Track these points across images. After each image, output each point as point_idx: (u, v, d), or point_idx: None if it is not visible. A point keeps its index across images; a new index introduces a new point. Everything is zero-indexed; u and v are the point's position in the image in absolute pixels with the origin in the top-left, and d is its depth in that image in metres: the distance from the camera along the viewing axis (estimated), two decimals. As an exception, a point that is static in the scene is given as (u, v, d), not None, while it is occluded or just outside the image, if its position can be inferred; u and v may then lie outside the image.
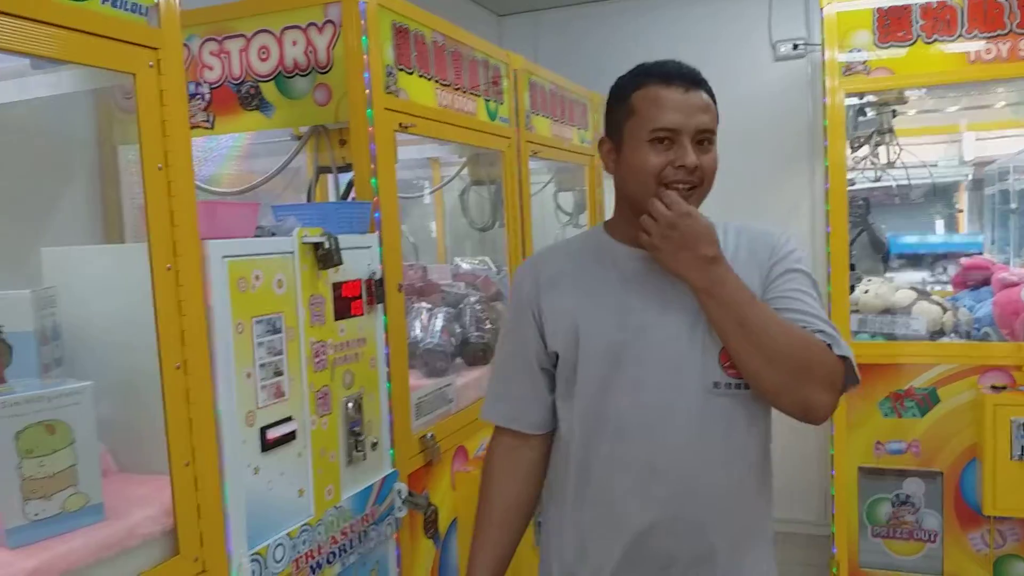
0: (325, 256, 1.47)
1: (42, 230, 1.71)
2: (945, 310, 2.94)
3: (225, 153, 2.18)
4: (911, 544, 2.78)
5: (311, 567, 1.42)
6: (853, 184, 4.40)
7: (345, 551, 1.52)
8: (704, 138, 1.26)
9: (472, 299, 2.59)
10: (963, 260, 3.72)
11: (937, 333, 2.85)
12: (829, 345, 1.20)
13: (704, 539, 1.25)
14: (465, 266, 3.39)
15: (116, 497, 1.18)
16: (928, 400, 2.71)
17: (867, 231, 4.46)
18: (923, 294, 3.05)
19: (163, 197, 1.17)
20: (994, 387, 2.60)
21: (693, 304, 1.23)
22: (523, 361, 1.35)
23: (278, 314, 1.39)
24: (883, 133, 3.17)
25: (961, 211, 5.52)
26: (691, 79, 1.25)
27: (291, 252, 1.43)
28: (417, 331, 2.37)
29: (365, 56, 1.71)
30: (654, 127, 1.22)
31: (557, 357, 1.32)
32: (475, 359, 2.40)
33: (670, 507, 1.24)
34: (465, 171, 2.85)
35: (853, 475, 2.82)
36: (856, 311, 2.95)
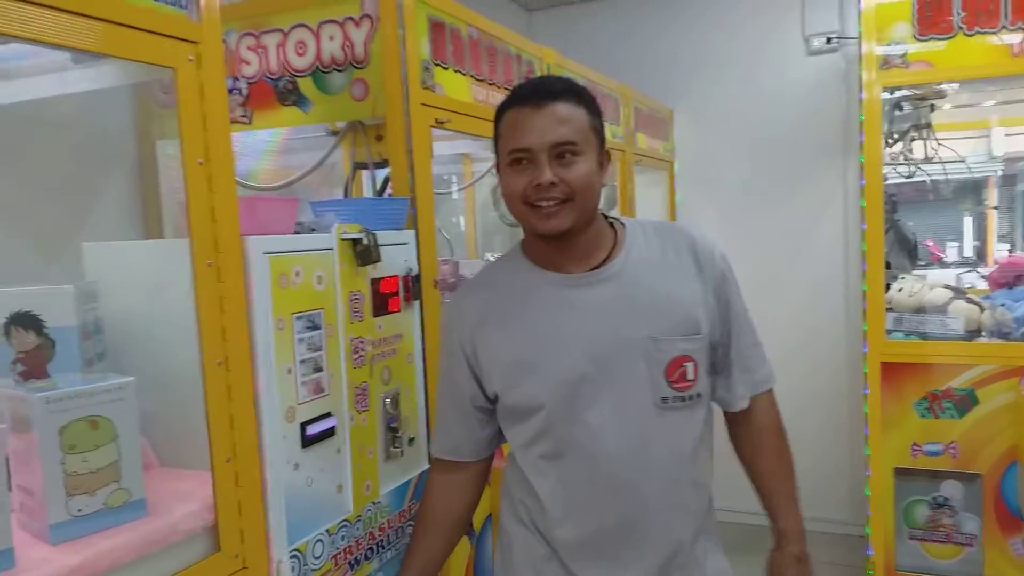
0: (364, 252, 1.47)
1: (81, 224, 1.71)
2: (983, 309, 2.88)
3: (262, 148, 2.19)
4: (949, 548, 2.73)
5: (349, 563, 1.41)
6: (886, 180, 4.34)
7: (383, 547, 1.51)
8: (564, 151, 1.21)
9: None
10: (999, 258, 3.65)
11: (974, 332, 2.79)
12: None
13: (659, 541, 1.29)
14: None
15: (158, 492, 1.18)
16: (967, 401, 2.66)
17: (894, 228, 4.38)
18: (959, 293, 2.99)
19: (204, 192, 1.16)
20: (1036, 388, 2.54)
21: (636, 322, 1.25)
22: (456, 404, 1.39)
23: (318, 310, 1.38)
24: (920, 128, 3.11)
25: (991, 207, 5.42)
26: (546, 93, 1.22)
27: (331, 248, 1.42)
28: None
29: (402, 50, 1.70)
30: (509, 149, 1.24)
31: (497, 396, 1.34)
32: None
33: (620, 514, 1.28)
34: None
35: (889, 476, 2.77)
36: (890, 309, 2.90)
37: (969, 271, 3.91)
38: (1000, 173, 5.23)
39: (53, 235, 1.59)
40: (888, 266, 3.29)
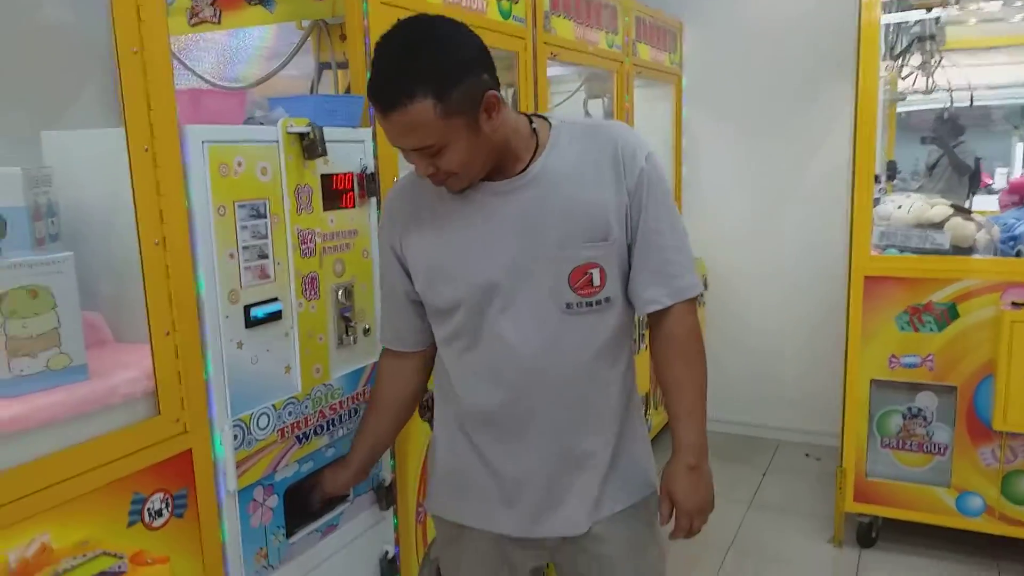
0: (310, 146, 1.52)
1: (56, 117, 1.79)
2: (980, 227, 2.85)
3: (251, 53, 2.23)
4: (920, 456, 2.79)
5: (297, 437, 1.52)
6: (903, 98, 4.21)
7: (334, 424, 1.62)
8: (425, 150, 1.23)
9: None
10: (1011, 179, 3.58)
11: (967, 249, 2.77)
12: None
13: (560, 433, 1.38)
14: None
15: (106, 363, 1.28)
16: (946, 315, 2.67)
17: (949, 153, 4.25)
18: (960, 210, 2.95)
19: (139, 80, 1.22)
20: (1015, 303, 2.54)
21: (545, 229, 1.29)
22: (394, 297, 1.48)
23: (262, 200, 1.45)
24: (923, 40, 3.01)
25: None
26: (385, 104, 1.18)
27: (275, 141, 1.48)
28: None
29: (359, -53, 1.71)
30: None
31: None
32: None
33: (522, 400, 1.36)
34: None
35: (866, 387, 2.82)
36: (885, 225, 2.88)
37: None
38: None
39: (24, 126, 1.67)
40: (877, 179, 3.24)
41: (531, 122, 1.36)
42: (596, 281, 1.31)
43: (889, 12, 3.11)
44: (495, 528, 1.43)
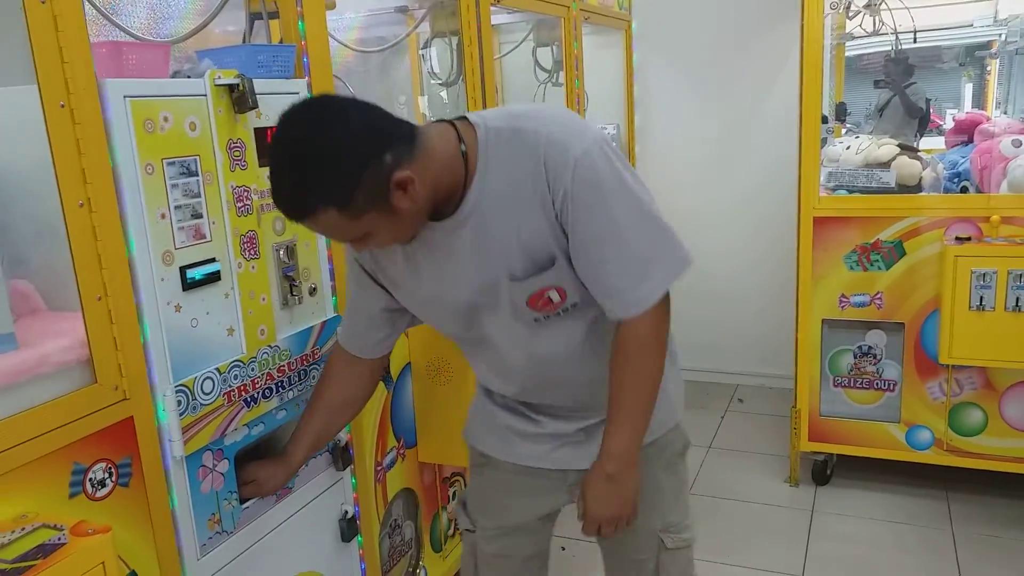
0: (240, 99, 1.46)
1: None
2: (926, 165, 2.89)
3: (183, 8, 2.13)
4: (871, 393, 2.86)
5: (245, 400, 1.49)
6: (851, 38, 4.22)
7: (283, 387, 1.59)
8: (353, 242, 1.21)
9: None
10: (956, 116, 3.63)
11: (913, 188, 2.81)
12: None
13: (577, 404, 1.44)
14: (443, 128, 3.35)
15: (36, 332, 1.23)
16: (894, 253, 2.71)
17: (901, 94, 4.28)
18: (908, 149, 2.98)
19: (49, 32, 1.15)
20: (958, 239, 2.59)
21: (494, 264, 1.25)
22: (364, 308, 1.47)
23: (192, 157, 1.39)
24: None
25: (989, 73, 5.26)
26: (291, 215, 1.15)
27: (203, 95, 1.41)
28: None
29: None
30: None
31: None
32: (434, 215, 2.41)
33: (535, 382, 1.42)
34: (427, 23, 2.76)
35: (817, 328, 2.87)
36: (834, 167, 2.91)
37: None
38: (1004, 38, 5.06)
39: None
40: (825, 120, 3.25)
41: (459, 138, 1.22)
42: (556, 298, 1.28)
43: (835, -49, 3.09)
44: (515, 459, 1.51)
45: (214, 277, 1.43)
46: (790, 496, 2.99)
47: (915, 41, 3.33)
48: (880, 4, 3.61)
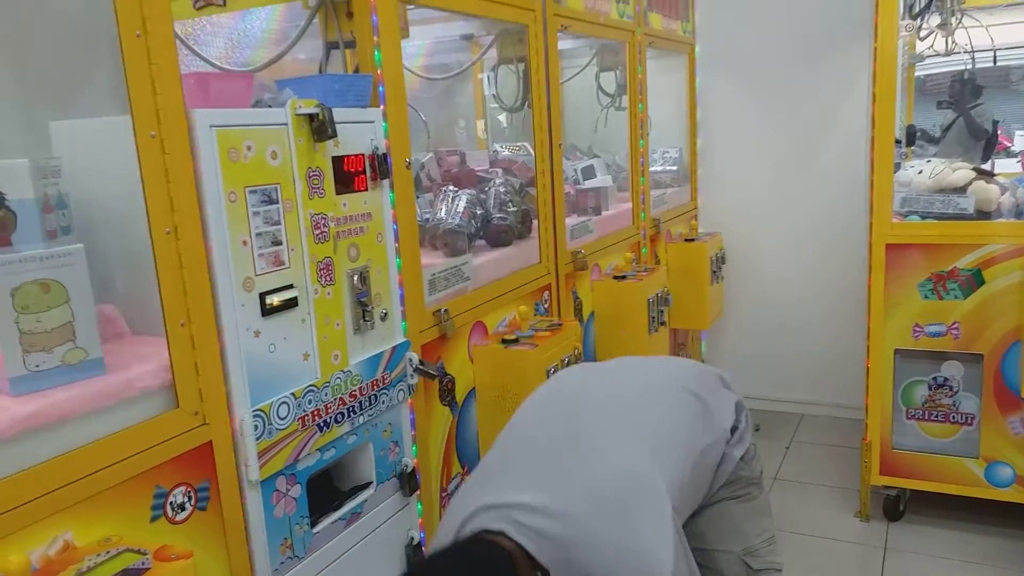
0: (320, 128, 1.48)
1: (65, 107, 1.75)
2: (1004, 190, 2.79)
3: (259, 36, 2.19)
4: (947, 427, 2.75)
5: (318, 425, 1.49)
6: (922, 59, 4.12)
7: (354, 412, 1.59)
8: None
9: (497, 181, 2.58)
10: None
11: (991, 213, 2.71)
12: None
13: None
14: (504, 152, 3.37)
15: (122, 356, 1.26)
16: (972, 282, 2.61)
17: (964, 116, 4.18)
18: (984, 174, 2.88)
19: (143, 65, 1.19)
20: (1043, 267, 2.48)
21: None
22: None
23: (274, 185, 1.41)
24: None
25: None
26: None
27: (284, 124, 1.44)
28: (442, 214, 2.39)
29: (362, -80, 1.66)
30: None
31: None
32: (498, 240, 2.41)
33: None
34: (493, 49, 2.78)
35: (889, 357, 2.77)
36: (906, 191, 2.82)
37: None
38: None
39: (32, 116, 1.64)
40: (899, 143, 3.16)
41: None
42: None
43: (907, -29, 3.03)
44: None
45: (292, 303, 1.44)
46: (861, 532, 2.89)
47: (995, 62, 3.23)
48: (956, 25, 3.52)
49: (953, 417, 2.73)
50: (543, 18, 2.49)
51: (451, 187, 2.56)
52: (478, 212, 2.43)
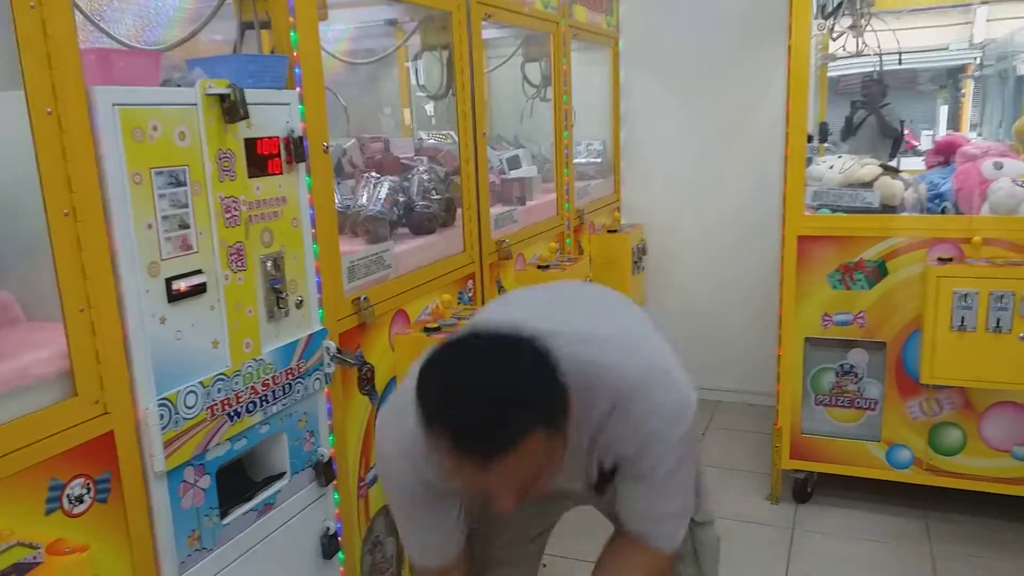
0: (230, 109, 1.44)
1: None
2: (908, 186, 2.92)
3: (172, 15, 2.11)
4: (852, 412, 2.87)
5: (228, 415, 1.46)
6: (834, 59, 4.27)
7: (267, 401, 1.56)
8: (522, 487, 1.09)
9: (421, 169, 2.56)
10: (936, 137, 3.67)
11: (895, 207, 2.84)
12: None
13: None
14: (429, 140, 3.34)
15: (15, 343, 1.20)
16: (876, 273, 2.73)
17: (876, 115, 4.35)
18: (890, 170, 3.01)
19: (38, 38, 1.13)
20: (940, 259, 2.61)
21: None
22: (439, 518, 1.36)
23: (182, 167, 1.37)
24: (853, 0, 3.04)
25: (964, 95, 5.33)
26: (489, 449, 1.01)
27: (194, 104, 1.39)
28: (363, 200, 2.36)
29: None
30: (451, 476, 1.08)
31: None
32: (421, 228, 2.39)
33: None
34: (417, 36, 2.75)
35: (800, 346, 2.88)
36: (818, 185, 2.93)
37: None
38: (978, 61, 5.12)
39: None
40: (810, 139, 3.28)
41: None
42: None
43: (820, -27, 3.13)
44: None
45: (200, 289, 1.40)
46: (771, 514, 3.00)
47: (900, 63, 3.38)
48: (865, 27, 3.66)
49: (858, 403, 2.86)
50: (466, 5, 2.47)
51: (374, 174, 2.53)
52: (401, 199, 2.41)
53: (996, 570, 2.59)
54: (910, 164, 3.82)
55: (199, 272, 1.40)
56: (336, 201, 2.28)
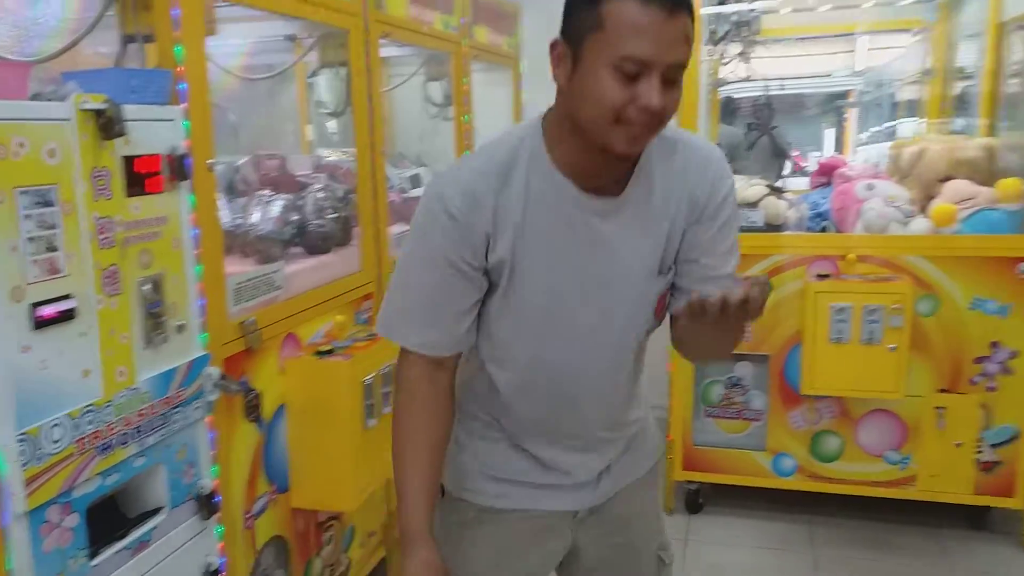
0: (106, 125, 1.38)
1: None
2: (791, 205, 3.08)
3: (53, 26, 2.00)
4: (739, 423, 2.99)
5: (98, 448, 1.38)
6: (724, 84, 4.46)
7: (142, 432, 1.49)
8: (676, 75, 1.07)
9: (317, 187, 2.52)
10: (820, 160, 3.89)
11: (779, 226, 2.98)
12: None
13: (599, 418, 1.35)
14: (329, 157, 3.29)
15: None
16: (762, 289, 2.85)
17: (769, 136, 4.56)
18: (775, 190, 3.17)
19: None
20: (819, 276, 2.76)
21: (645, 267, 1.24)
22: (450, 300, 1.22)
23: (51, 186, 1.29)
24: (740, 27, 3.20)
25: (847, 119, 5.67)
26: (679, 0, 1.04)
27: (67, 119, 1.32)
28: (254, 219, 2.30)
29: (159, -93, 1.56)
30: (623, 54, 1.04)
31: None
32: (315, 248, 2.35)
33: (564, 404, 1.31)
34: (315, 52, 2.71)
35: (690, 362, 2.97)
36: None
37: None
38: (861, 88, 5.43)
39: None
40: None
41: None
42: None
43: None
44: (532, 505, 1.36)
45: (69, 315, 1.33)
46: (665, 525, 3.07)
47: (782, 88, 3.56)
48: (750, 53, 3.84)
49: (744, 414, 2.97)
50: (364, 24, 2.45)
51: (267, 192, 2.47)
52: (294, 218, 2.36)
53: (875, 570, 2.74)
54: (797, 184, 4.02)
55: (68, 297, 1.33)
56: (226, 220, 2.22)
